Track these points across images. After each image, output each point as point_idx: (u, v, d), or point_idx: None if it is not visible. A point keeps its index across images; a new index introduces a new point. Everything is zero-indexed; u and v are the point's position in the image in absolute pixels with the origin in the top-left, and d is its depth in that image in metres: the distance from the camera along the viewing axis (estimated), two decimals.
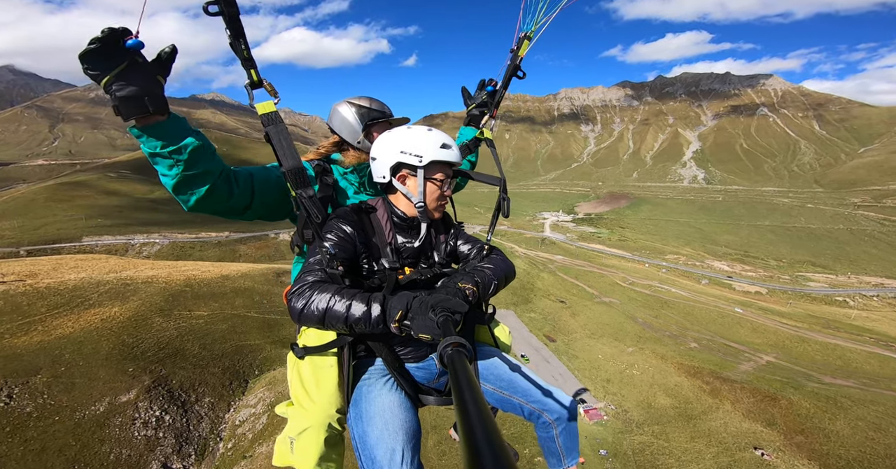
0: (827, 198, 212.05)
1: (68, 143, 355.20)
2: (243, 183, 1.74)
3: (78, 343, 28.69)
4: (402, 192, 1.82)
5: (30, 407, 23.68)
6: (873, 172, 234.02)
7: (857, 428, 27.80)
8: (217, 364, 31.15)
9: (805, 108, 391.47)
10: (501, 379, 1.90)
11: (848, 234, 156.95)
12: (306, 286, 1.48)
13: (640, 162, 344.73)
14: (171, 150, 1.48)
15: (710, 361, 39.81)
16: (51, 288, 35.90)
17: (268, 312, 38.83)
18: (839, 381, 37.34)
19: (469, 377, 0.78)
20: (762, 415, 30.29)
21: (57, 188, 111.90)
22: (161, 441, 24.90)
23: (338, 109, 2.20)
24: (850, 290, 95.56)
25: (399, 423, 1.55)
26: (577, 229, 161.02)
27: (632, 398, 33.87)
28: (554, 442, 1.87)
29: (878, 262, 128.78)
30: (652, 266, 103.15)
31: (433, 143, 1.77)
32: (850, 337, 53.26)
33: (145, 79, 1.37)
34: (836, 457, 25.40)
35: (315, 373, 1.74)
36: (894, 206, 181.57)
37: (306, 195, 1.70)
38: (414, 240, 1.86)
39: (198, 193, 1.59)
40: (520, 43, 2.39)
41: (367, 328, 1.42)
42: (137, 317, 32.96)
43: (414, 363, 1.84)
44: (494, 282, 1.76)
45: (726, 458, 25.61)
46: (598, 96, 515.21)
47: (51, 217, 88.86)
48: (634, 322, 51.48)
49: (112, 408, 25.03)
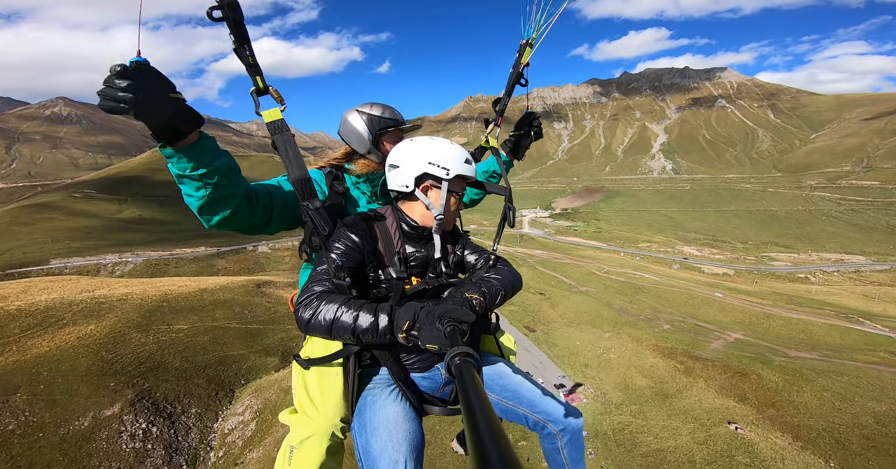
0: (785, 181, 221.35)
1: (27, 165, 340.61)
2: (263, 201, 1.75)
3: (55, 361, 28.41)
4: (423, 202, 1.82)
5: (12, 425, 23.52)
6: (826, 156, 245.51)
7: (824, 399, 28.67)
8: (201, 375, 31.06)
9: (759, 99, 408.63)
10: (506, 389, 1.89)
11: (807, 214, 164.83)
12: (314, 296, 1.50)
13: (612, 156, 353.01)
14: (202, 173, 1.46)
15: (682, 342, 41.04)
16: (21, 309, 35.05)
17: (250, 322, 38.72)
18: (804, 354, 38.70)
19: (477, 387, 0.77)
20: (734, 390, 31.17)
21: (19, 211, 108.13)
22: (150, 452, 24.84)
23: (346, 118, 2.18)
24: (811, 267, 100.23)
25: (403, 434, 1.54)
26: (554, 224, 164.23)
27: (610, 381, 34.72)
28: (559, 453, 1.84)
29: (837, 239, 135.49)
30: (626, 255, 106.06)
31: (459, 157, 1.80)
32: (811, 311, 55.59)
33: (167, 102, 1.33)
34: (807, 428, 26.09)
35: (320, 381, 1.74)
36: (848, 186, 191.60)
37: (312, 207, 1.68)
38: (422, 249, 1.85)
39: (222, 214, 1.60)
40: (521, 50, 2.38)
41: (375, 339, 1.43)
42: (115, 333, 32.59)
43: (419, 373, 1.83)
44: (501, 292, 1.76)
45: (702, 434, 26.24)
46: (569, 94, 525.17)
47: (15, 241, 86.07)
48: (611, 309, 52.78)
49: (97, 422, 24.95)
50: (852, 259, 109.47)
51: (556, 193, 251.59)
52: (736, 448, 24.55)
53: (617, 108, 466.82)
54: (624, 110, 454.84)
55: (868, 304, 62.89)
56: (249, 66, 1.53)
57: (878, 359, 36.49)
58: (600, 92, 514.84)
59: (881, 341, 43.83)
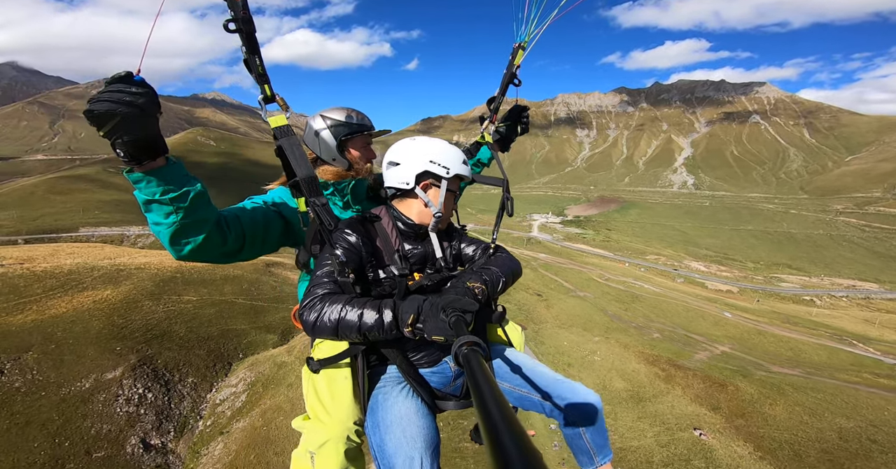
0: (810, 204, 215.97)
1: (68, 140, 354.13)
2: (234, 227, 1.71)
3: (70, 322, 29.56)
4: (422, 199, 1.84)
5: (19, 382, 24.44)
6: (858, 180, 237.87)
7: (794, 412, 28.88)
8: (202, 346, 31.83)
9: (796, 116, 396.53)
10: (518, 377, 1.86)
11: (827, 238, 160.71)
12: (317, 299, 1.51)
13: (633, 167, 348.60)
14: (174, 197, 1.42)
15: (669, 350, 41.36)
16: (47, 271, 36.73)
17: (255, 299, 39.68)
18: (786, 369, 38.86)
19: (487, 375, 0.76)
20: (709, 400, 31.33)
21: (56, 181, 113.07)
22: (142, 417, 25.44)
23: (310, 123, 2.15)
24: (819, 290, 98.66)
25: (417, 431, 1.52)
26: (563, 230, 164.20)
27: (589, 381, 34.60)
28: (581, 439, 1.78)
29: (854, 265, 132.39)
30: (631, 265, 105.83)
31: (458, 157, 1.85)
32: (806, 331, 55.44)
33: (146, 122, 1.30)
34: (770, 439, 26.38)
35: (330, 385, 1.74)
36: (876, 213, 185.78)
37: (319, 203, 1.70)
38: (420, 247, 1.87)
39: (193, 242, 1.55)
40: (514, 52, 2.47)
41: (381, 335, 1.43)
42: (128, 300, 33.92)
43: (428, 368, 1.83)
44: (503, 279, 1.77)
45: (666, 437, 26.59)
46: (595, 102, 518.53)
47: (49, 208, 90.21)
48: (604, 314, 53.29)
49: (97, 384, 25.76)
50: (865, 286, 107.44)
51: (570, 200, 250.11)
52: (695, 453, 24.87)
53: (643, 119, 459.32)
54: (651, 121, 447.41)
55: (867, 328, 62.28)
56: (259, 75, 1.61)
57: (860, 379, 36.70)
58: (627, 101, 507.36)
59: (868, 363, 43.89)
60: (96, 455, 22.89)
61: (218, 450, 24.74)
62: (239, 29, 1.50)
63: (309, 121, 2.19)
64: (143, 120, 1.28)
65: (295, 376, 29.59)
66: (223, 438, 25.29)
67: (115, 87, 1.23)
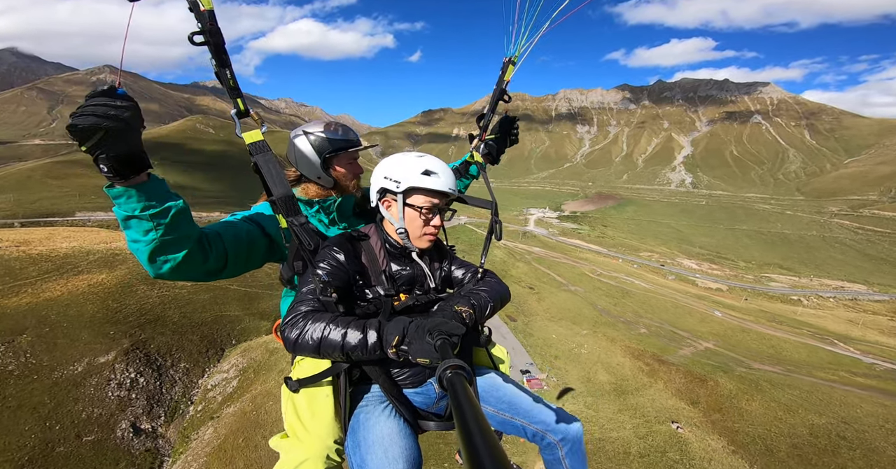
0: (806, 205, 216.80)
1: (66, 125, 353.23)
2: (216, 246, 1.66)
3: (64, 305, 29.71)
4: (385, 217, 1.83)
5: (12, 365, 24.42)
6: (855, 182, 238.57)
7: (769, 408, 29.41)
8: (195, 332, 32.07)
9: (798, 117, 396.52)
10: (502, 401, 1.86)
11: (820, 240, 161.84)
12: (299, 316, 1.47)
13: (632, 164, 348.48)
14: (154, 213, 1.39)
15: (654, 345, 42.07)
16: (43, 254, 36.44)
17: (249, 286, 39.67)
18: (766, 366, 39.47)
19: (470, 399, 0.76)
20: (689, 394, 31.89)
21: (53, 166, 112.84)
22: (133, 402, 25.46)
23: (293, 141, 2.09)
24: (808, 290, 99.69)
25: (399, 451, 1.51)
26: (559, 225, 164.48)
27: (574, 373, 35.79)
28: (561, 464, 1.78)
29: (844, 267, 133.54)
30: (625, 261, 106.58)
31: (415, 168, 1.74)
32: (789, 330, 56.17)
33: (129, 137, 1.29)
34: (744, 433, 26.98)
35: (311, 403, 1.71)
36: (870, 215, 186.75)
37: (297, 223, 1.66)
38: (408, 267, 1.83)
39: (173, 260, 1.50)
40: (505, 68, 2.41)
41: (365, 355, 1.40)
42: (123, 284, 34.03)
43: (412, 388, 1.80)
44: (490, 304, 1.74)
45: (644, 429, 27.14)
46: (597, 98, 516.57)
47: (45, 192, 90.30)
48: (594, 308, 54.01)
49: (90, 368, 25.77)
50: (853, 287, 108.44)
51: (568, 196, 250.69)
52: (671, 445, 25.61)
53: (645, 116, 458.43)
54: (652, 119, 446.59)
55: (849, 328, 63.10)
56: (230, 89, 1.55)
57: (836, 377, 37.44)
58: (629, 98, 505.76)
59: (846, 362, 44.72)
60: (86, 439, 23.17)
61: (208, 434, 24.94)
62: (207, 41, 1.46)
63: (291, 137, 2.12)
64: (127, 134, 1.27)
65: (286, 362, 28.63)
66: (213, 423, 25.56)
67: (98, 100, 1.21)
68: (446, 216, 1.89)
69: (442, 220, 1.84)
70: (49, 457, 21.62)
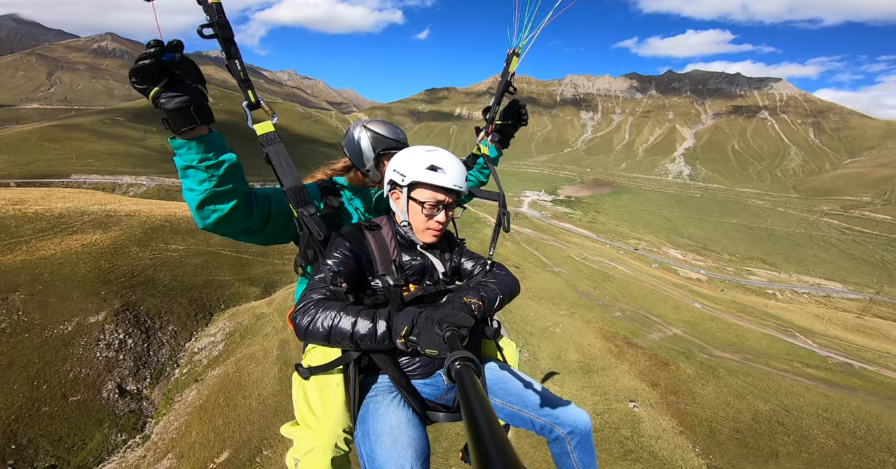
0: (799, 203, 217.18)
1: (65, 90, 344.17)
2: (262, 202, 1.75)
3: (57, 264, 30.12)
4: (393, 208, 1.88)
5: (5, 323, 24.75)
6: (851, 183, 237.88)
7: (721, 394, 30.02)
8: (185, 295, 32.61)
9: (805, 115, 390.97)
10: (510, 393, 1.87)
11: (806, 237, 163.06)
12: (311, 303, 1.51)
13: (632, 153, 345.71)
14: (210, 165, 1.49)
15: (626, 329, 42.79)
16: (38, 214, 36.81)
17: (241, 252, 40.06)
18: (726, 354, 40.29)
19: (478, 391, 0.77)
20: (650, 376, 32.55)
21: (51, 129, 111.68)
22: (120, 363, 25.89)
23: (352, 132, 2.21)
24: (784, 285, 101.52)
25: (407, 441, 1.52)
26: (553, 208, 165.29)
27: (546, 350, 36.32)
28: (569, 457, 1.80)
29: (825, 265, 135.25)
30: (612, 247, 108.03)
31: (421, 163, 1.74)
32: (756, 321, 57.59)
33: (190, 90, 1.40)
34: (693, 416, 27.69)
35: (321, 392, 1.74)
36: (860, 217, 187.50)
37: (307, 213, 1.71)
38: (418, 258, 1.86)
39: (221, 211, 1.58)
40: (509, 59, 2.41)
41: (373, 344, 1.42)
42: (116, 245, 34.53)
43: (421, 379, 1.82)
44: (500, 296, 1.77)
45: (603, 407, 27.81)
46: (604, 85, 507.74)
47: (41, 155, 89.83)
48: (574, 290, 54.86)
49: (80, 328, 26.14)
50: (829, 285, 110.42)
51: (565, 181, 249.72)
52: (625, 423, 26.11)
53: (651, 106, 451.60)
54: (657, 109, 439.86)
55: (814, 323, 64.82)
56: (241, 81, 1.58)
57: (790, 367, 38.42)
58: (637, 87, 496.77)
59: (802, 353, 46.17)
60: (72, 399, 23.56)
61: (191, 396, 25.70)
62: (215, 34, 1.48)
63: (351, 129, 2.24)
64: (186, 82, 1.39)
65: (272, 327, 30.60)
66: (197, 386, 26.27)
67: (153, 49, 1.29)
68: (456, 212, 1.91)
69: (449, 216, 1.84)
70: (35, 416, 22.20)
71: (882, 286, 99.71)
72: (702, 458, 24.27)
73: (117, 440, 23.55)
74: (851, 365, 44.28)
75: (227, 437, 22.18)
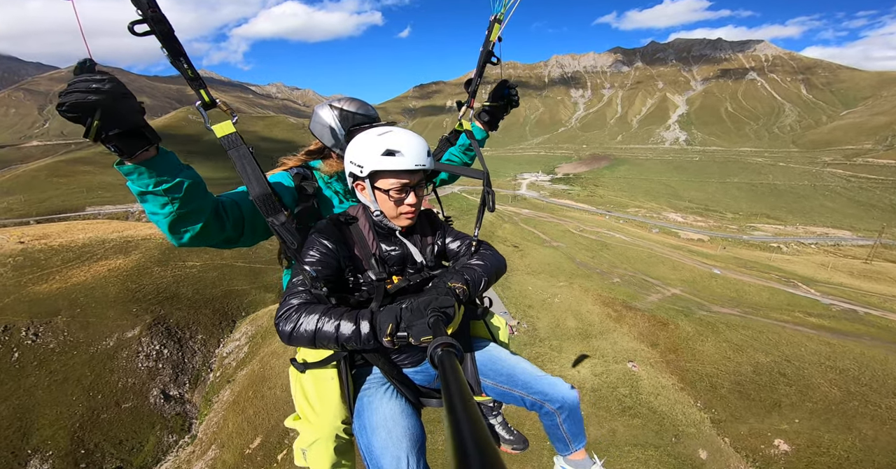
0: (800, 157, 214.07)
1: (60, 124, 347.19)
2: (232, 212, 1.69)
3: (90, 289, 32.47)
4: (361, 200, 1.81)
5: (53, 343, 27.10)
6: (850, 133, 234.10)
7: (720, 348, 29.59)
8: (208, 306, 34.69)
9: (794, 73, 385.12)
10: (500, 373, 1.92)
11: (811, 189, 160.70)
12: (292, 309, 1.48)
13: (627, 125, 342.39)
14: (168, 188, 1.39)
15: (625, 293, 42.45)
16: (63, 245, 39.18)
17: (253, 262, 42.19)
18: (725, 309, 39.38)
19: (458, 376, 0.79)
20: (650, 337, 32.40)
21: (57, 165, 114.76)
22: (160, 371, 28.20)
23: (318, 112, 2.11)
24: (790, 238, 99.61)
25: (402, 431, 1.57)
26: (551, 187, 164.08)
27: (545, 320, 36.52)
28: (559, 429, 1.90)
29: (831, 214, 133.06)
30: (611, 218, 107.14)
31: (376, 150, 1.63)
32: (758, 274, 56.42)
33: (131, 111, 1.29)
34: (694, 372, 27.66)
35: (317, 386, 1.78)
36: (864, 163, 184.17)
37: (278, 222, 1.66)
38: (398, 247, 1.81)
39: (192, 230, 1.53)
40: (490, 27, 2.29)
41: (359, 345, 1.41)
42: (139, 267, 36.80)
43: (412, 368, 1.85)
44: (485, 278, 1.74)
45: (601, 368, 27.94)
46: (590, 62, 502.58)
47: (53, 191, 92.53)
48: (572, 262, 54.37)
49: (120, 343, 28.41)
50: (837, 233, 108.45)
51: (562, 159, 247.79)
52: (623, 382, 26.18)
53: (639, 77, 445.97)
54: (646, 80, 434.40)
55: (818, 272, 63.85)
56: (190, 79, 1.47)
57: (790, 318, 37.61)
58: (622, 61, 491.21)
59: (804, 303, 45.08)
60: (125, 406, 25.86)
61: (226, 395, 27.91)
62: (151, 30, 1.34)
63: (316, 109, 2.14)
64: (118, 107, 1.25)
65: None
66: (230, 386, 28.31)
67: (80, 77, 1.20)
68: (427, 189, 1.88)
69: (420, 195, 1.77)
70: (96, 423, 24.47)
71: (884, 226, 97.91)
72: (703, 413, 24.37)
73: (169, 441, 25.79)
74: (856, 311, 43.01)
75: (259, 425, 24.16)
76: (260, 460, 22.10)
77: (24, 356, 26.35)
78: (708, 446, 22.20)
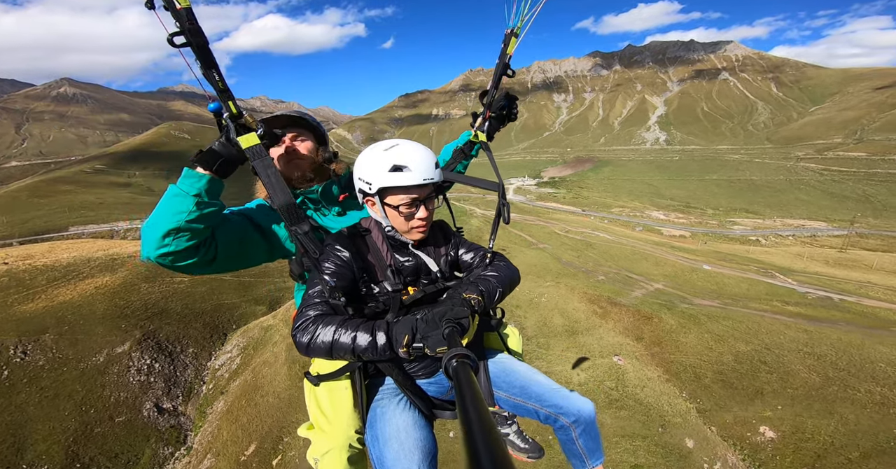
0: (774, 152, 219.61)
1: (38, 143, 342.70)
2: (208, 249, 1.67)
3: (77, 306, 32.49)
4: (372, 215, 1.81)
5: (42, 360, 27.05)
6: (820, 128, 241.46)
7: (703, 339, 29.96)
8: (198, 320, 34.78)
9: (764, 71, 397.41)
10: (514, 385, 1.89)
11: (786, 183, 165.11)
12: (309, 321, 1.49)
13: (609, 128, 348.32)
14: (201, 202, 1.52)
15: (610, 290, 42.67)
16: (48, 265, 38.97)
17: (242, 276, 41.97)
18: (706, 301, 39.93)
19: (473, 388, 0.78)
20: (634, 331, 32.61)
21: (37, 185, 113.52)
22: (153, 385, 28.13)
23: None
24: (768, 231, 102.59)
25: (414, 443, 1.56)
26: (537, 191, 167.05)
27: (532, 319, 36.42)
28: (574, 444, 1.83)
29: (807, 206, 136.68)
30: (596, 218, 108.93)
31: (383, 166, 1.63)
32: (737, 266, 57.96)
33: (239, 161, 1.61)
34: (678, 363, 27.92)
35: (331, 396, 1.78)
36: (835, 157, 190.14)
37: (301, 231, 1.67)
38: (412, 258, 1.81)
39: (176, 245, 1.53)
40: (507, 40, 2.30)
41: (375, 356, 1.42)
42: (126, 283, 36.74)
43: (425, 379, 1.83)
44: (500, 289, 1.74)
45: (588, 363, 28.18)
46: (570, 67, 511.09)
47: (35, 211, 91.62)
48: (559, 262, 54.74)
49: (110, 358, 28.40)
50: (813, 225, 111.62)
51: (547, 163, 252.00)
52: (609, 376, 26.12)
53: (618, 80, 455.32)
54: (625, 82, 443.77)
55: (794, 262, 65.71)
56: (220, 91, 1.51)
57: (769, 307, 38.40)
58: (601, 64, 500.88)
59: (782, 292, 46.31)
60: (118, 419, 25.74)
61: (219, 406, 27.86)
62: (189, 42, 1.41)
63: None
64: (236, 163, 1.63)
65: (279, 335, 32.49)
66: (223, 397, 28.30)
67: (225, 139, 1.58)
68: (437, 201, 1.86)
69: (431, 209, 1.77)
70: (90, 437, 24.40)
71: (855, 216, 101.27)
72: (689, 403, 24.90)
73: (165, 453, 25.65)
74: (831, 298, 44.15)
75: (252, 432, 24.35)
76: (255, 466, 22.30)
77: (14, 374, 26.22)
78: (694, 435, 22.42)
